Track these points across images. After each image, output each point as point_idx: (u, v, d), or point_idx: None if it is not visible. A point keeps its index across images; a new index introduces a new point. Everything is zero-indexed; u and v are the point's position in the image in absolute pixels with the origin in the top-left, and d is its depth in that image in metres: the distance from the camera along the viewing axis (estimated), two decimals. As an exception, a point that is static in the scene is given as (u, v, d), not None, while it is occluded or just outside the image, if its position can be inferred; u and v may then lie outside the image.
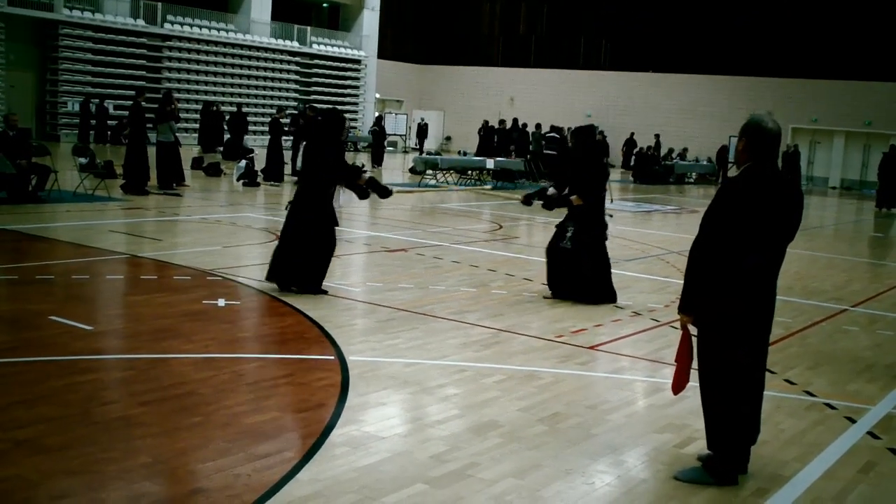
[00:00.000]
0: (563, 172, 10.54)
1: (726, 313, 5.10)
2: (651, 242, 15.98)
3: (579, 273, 9.94)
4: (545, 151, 31.52)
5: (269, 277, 9.57)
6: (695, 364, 5.34)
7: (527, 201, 10.91)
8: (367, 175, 10.12)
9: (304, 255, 9.41)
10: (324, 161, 9.59)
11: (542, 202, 10.55)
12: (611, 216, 10.49)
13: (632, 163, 39.33)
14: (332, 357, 7.13)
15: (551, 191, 10.49)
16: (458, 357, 7.44)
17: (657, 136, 41.86)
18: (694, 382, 5.43)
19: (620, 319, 9.33)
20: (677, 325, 9.01)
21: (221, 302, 8.88)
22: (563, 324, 8.92)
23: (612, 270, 10.44)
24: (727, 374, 5.16)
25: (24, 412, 5.54)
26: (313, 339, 7.75)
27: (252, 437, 5.34)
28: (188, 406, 5.81)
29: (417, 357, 7.34)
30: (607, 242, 10.29)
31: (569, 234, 9.96)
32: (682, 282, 5.31)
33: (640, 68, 47.31)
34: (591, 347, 8.09)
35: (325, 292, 9.49)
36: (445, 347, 7.73)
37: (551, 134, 32.36)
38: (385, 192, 10.07)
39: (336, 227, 9.80)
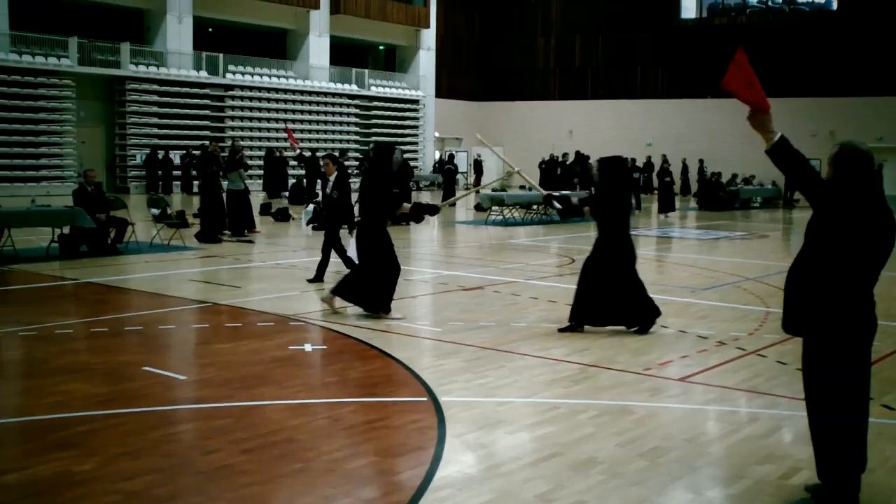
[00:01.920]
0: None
1: (834, 335, 5.03)
2: (724, 270, 15.79)
3: (613, 297, 9.95)
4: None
5: (336, 291, 10.71)
6: None
7: (548, 202, 11.16)
8: (408, 204, 11.16)
9: (370, 280, 10.37)
10: (374, 193, 10.55)
11: (559, 206, 10.71)
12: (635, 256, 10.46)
13: (692, 189, 39.07)
14: (425, 398, 7.14)
15: (575, 200, 10.83)
16: (548, 394, 7.41)
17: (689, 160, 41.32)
18: (795, 411, 5.35)
19: (706, 350, 9.23)
20: (765, 353, 9.00)
21: (308, 347, 8.96)
22: (649, 356, 8.85)
23: (688, 299, 10.34)
24: (836, 400, 5.08)
25: (130, 463, 5.62)
26: (402, 380, 7.78)
27: (355, 483, 5.37)
28: (288, 453, 5.85)
29: (508, 395, 7.33)
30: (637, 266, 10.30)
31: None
32: (762, 309, 5.25)
33: (698, 95, 47.07)
34: (681, 379, 8.01)
35: (388, 311, 10.45)
36: (535, 385, 7.71)
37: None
38: (433, 210, 11.26)
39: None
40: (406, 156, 30.09)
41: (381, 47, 50.96)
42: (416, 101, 48.82)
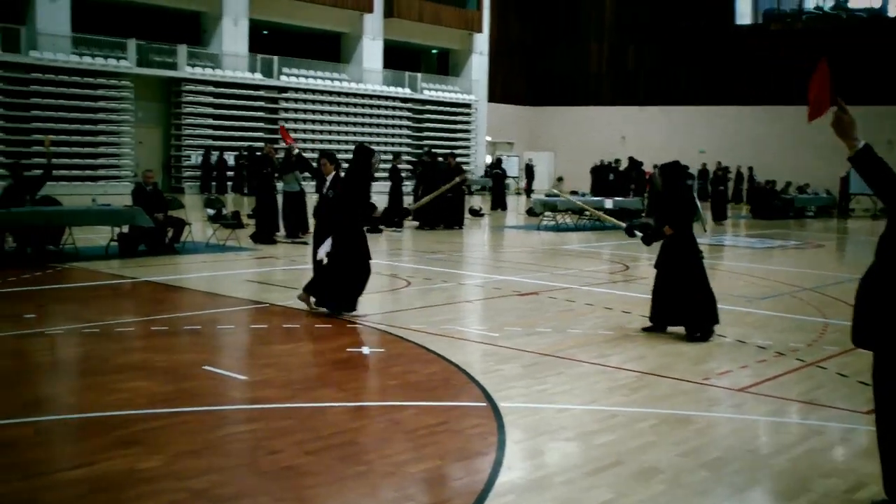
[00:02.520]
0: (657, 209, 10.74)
1: None
2: (779, 279, 15.63)
3: (681, 300, 10.05)
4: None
5: (307, 289, 10.92)
6: None
7: (630, 232, 11.25)
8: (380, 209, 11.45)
9: (339, 280, 10.60)
10: (354, 194, 10.77)
11: (641, 235, 10.80)
12: (702, 256, 10.44)
13: (744, 197, 38.71)
14: (484, 404, 7.14)
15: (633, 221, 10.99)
16: (608, 402, 7.38)
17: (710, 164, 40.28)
18: (857, 425, 5.28)
19: (765, 360, 9.14)
20: (824, 364, 8.90)
21: (366, 350, 9.01)
22: (707, 365, 8.78)
23: (745, 308, 10.27)
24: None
25: (194, 462, 5.68)
26: (461, 385, 7.79)
27: (418, 487, 5.38)
28: (350, 455, 5.88)
29: (568, 402, 7.31)
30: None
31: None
32: (820, 320, 5.20)
33: (752, 102, 46.65)
34: (741, 389, 7.94)
35: (353, 309, 10.75)
36: (594, 392, 7.68)
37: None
38: (405, 213, 12.47)
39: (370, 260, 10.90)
40: (458, 160, 30.06)
41: (434, 51, 51.08)
42: (468, 105, 48.86)
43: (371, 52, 44.49)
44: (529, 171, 46.25)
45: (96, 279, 13.29)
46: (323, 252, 10.93)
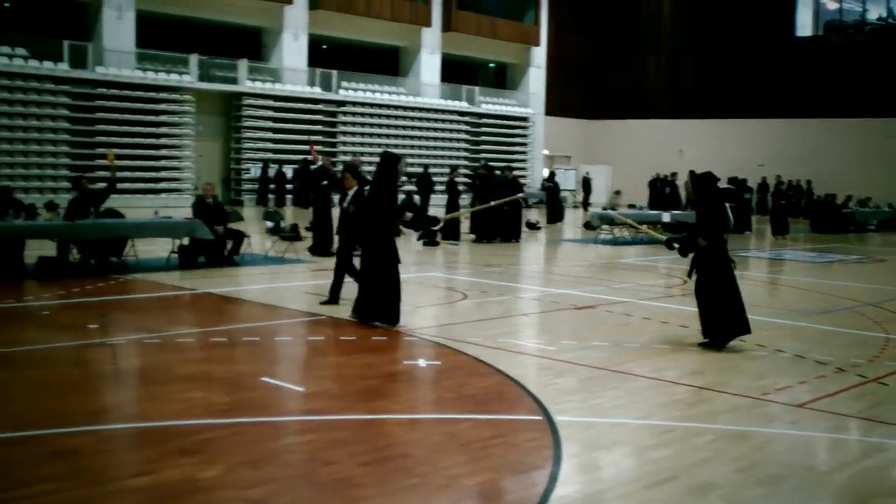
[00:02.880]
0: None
1: None
2: (839, 294, 15.40)
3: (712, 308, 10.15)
4: (721, 203, 30.99)
5: (354, 312, 10.95)
6: None
7: (669, 245, 11.26)
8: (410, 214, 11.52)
9: (377, 291, 10.56)
10: (380, 202, 10.74)
11: (677, 247, 10.88)
12: (733, 263, 10.50)
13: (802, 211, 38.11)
14: (540, 417, 7.14)
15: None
16: (664, 416, 7.34)
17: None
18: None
19: (825, 376, 9.02)
20: (886, 381, 8.76)
21: (422, 362, 9.05)
22: (766, 381, 8.69)
23: (804, 323, 10.17)
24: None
25: (252, 472, 5.75)
26: (516, 398, 7.79)
27: (473, 500, 5.40)
28: (405, 467, 5.91)
29: (624, 417, 7.28)
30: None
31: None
32: (882, 335, 5.12)
33: (812, 114, 46.08)
34: (800, 405, 7.85)
35: (396, 322, 10.62)
36: (650, 406, 7.64)
37: (727, 186, 31.87)
38: (434, 222, 12.24)
39: (399, 264, 10.83)
40: (515, 173, 30.05)
41: (492, 65, 51.18)
42: (525, 119, 48.86)
43: (429, 65, 44.71)
44: (587, 184, 46.09)
45: (157, 290, 13.50)
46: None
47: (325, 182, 19.56)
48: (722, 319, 10.13)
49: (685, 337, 10.83)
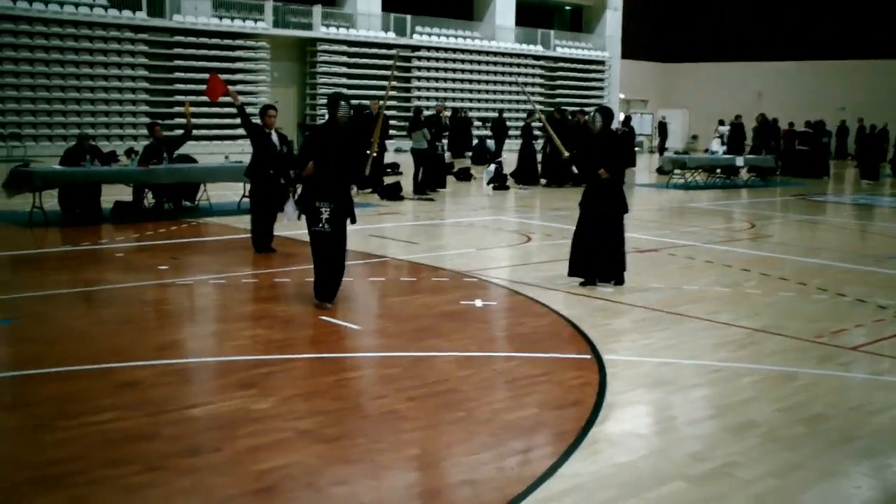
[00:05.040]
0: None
1: None
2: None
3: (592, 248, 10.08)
4: (797, 147, 30.48)
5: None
6: None
7: (570, 161, 11.18)
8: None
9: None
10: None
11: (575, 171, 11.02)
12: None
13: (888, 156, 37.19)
14: (589, 356, 7.26)
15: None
16: (713, 357, 7.41)
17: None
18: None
19: (883, 319, 8.97)
20: (947, 325, 8.68)
21: (479, 302, 9.21)
22: (822, 324, 8.67)
23: (871, 268, 10.07)
24: None
25: (303, 404, 5.99)
26: (568, 338, 7.92)
27: (513, 433, 5.56)
28: (451, 402, 6.10)
29: (672, 357, 7.37)
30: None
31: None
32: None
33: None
34: (853, 348, 7.84)
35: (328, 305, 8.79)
36: (700, 347, 7.71)
37: (805, 130, 31.31)
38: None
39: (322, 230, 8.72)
40: (587, 118, 29.80)
41: (568, 7, 50.58)
42: (601, 63, 48.31)
43: (504, 9, 44.35)
44: (662, 128, 45.54)
45: (227, 233, 13.84)
46: (290, 210, 10.05)
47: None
48: (602, 262, 10.08)
49: (745, 280, 10.82)
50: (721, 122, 33.35)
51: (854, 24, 46.72)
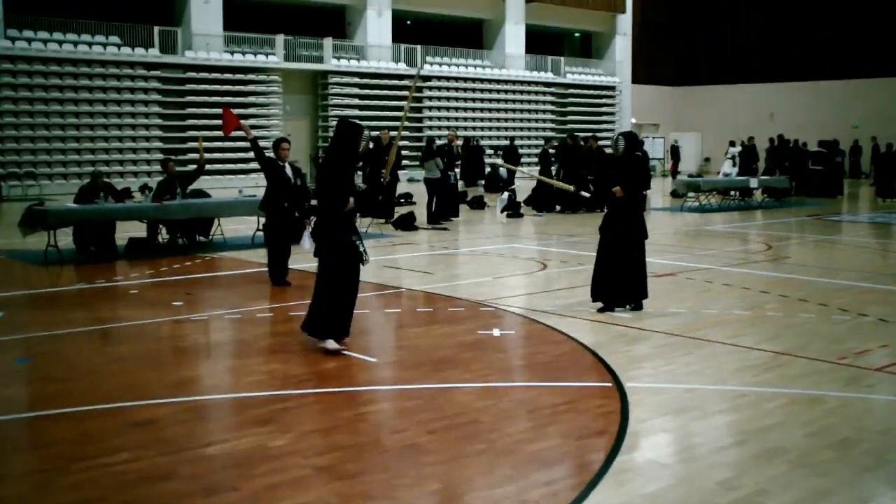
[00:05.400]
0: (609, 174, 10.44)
1: None
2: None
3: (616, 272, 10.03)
4: (811, 167, 30.33)
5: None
6: None
7: (577, 193, 11.76)
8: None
9: (319, 298, 8.32)
10: (332, 186, 8.29)
11: (587, 195, 10.71)
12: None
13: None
14: (610, 384, 7.15)
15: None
16: (737, 381, 7.28)
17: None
18: None
19: (909, 339, 8.83)
20: (975, 343, 8.53)
21: (496, 332, 9.10)
22: (845, 345, 8.54)
23: (892, 287, 9.93)
24: None
25: (321, 440, 5.89)
26: (589, 366, 7.81)
27: (536, 464, 5.45)
28: (472, 434, 5.99)
29: (696, 382, 7.25)
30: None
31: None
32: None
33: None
34: (879, 369, 7.71)
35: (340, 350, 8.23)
36: (723, 372, 7.59)
37: (818, 150, 31.18)
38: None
39: (361, 265, 8.40)
40: (602, 143, 29.80)
41: (577, 34, 50.68)
42: (612, 88, 48.32)
43: (513, 37, 44.47)
44: (675, 152, 45.46)
45: (242, 268, 13.78)
46: (307, 243, 9.10)
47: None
48: (619, 283, 9.99)
49: (766, 302, 10.70)
50: (732, 143, 33.26)
51: (864, 42, 46.60)
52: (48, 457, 5.61)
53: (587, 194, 10.91)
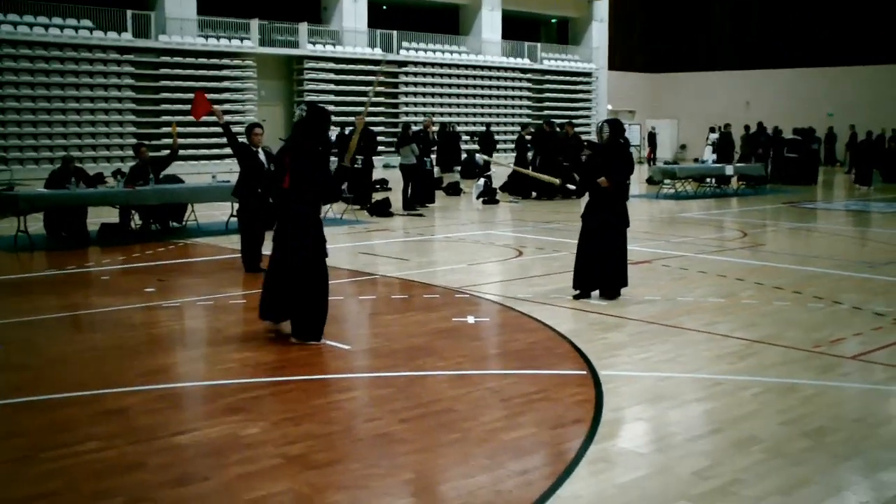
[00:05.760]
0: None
1: None
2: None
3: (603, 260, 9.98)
4: (787, 155, 30.44)
5: (263, 316, 8.39)
6: None
7: (563, 188, 11.31)
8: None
9: (297, 295, 8.03)
10: (298, 172, 7.92)
11: (573, 188, 10.80)
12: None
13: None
14: (585, 372, 7.12)
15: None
16: (712, 370, 7.27)
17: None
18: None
19: (881, 327, 8.84)
20: (950, 331, 8.56)
21: (471, 319, 9.05)
22: (820, 333, 8.55)
23: (866, 275, 9.96)
24: None
25: (293, 429, 5.83)
26: (564, 354, 7.77)
27: (511, 454, 5.41)
28: (446, 423, 5.94)
29: (671, 371, 7.22)
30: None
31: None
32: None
33: (884, 61, 44.67)
34: (853, 357, 7.71)
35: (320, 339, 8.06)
36: (699, 360, 7.57)
37: (793, 137, 31.28)
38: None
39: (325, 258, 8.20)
40: (578, 129, 29.79)
41: (554, 20, 50.63)
42: (588, 74, 48.31)
43: (490, 23, 44.35)
44: (652, 139, 45.54)
45: (215, 254, 13.68)
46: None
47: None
48: (603, 272, 9.97)
49: (742, 290, 10.70)
50: (712, 130, 33.33)
51: (841, 30, 46.77)
52: (17, 446, 5.51)
53: (573, 187, 10.77)
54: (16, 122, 30.34)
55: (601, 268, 9.87)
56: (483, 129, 35.53)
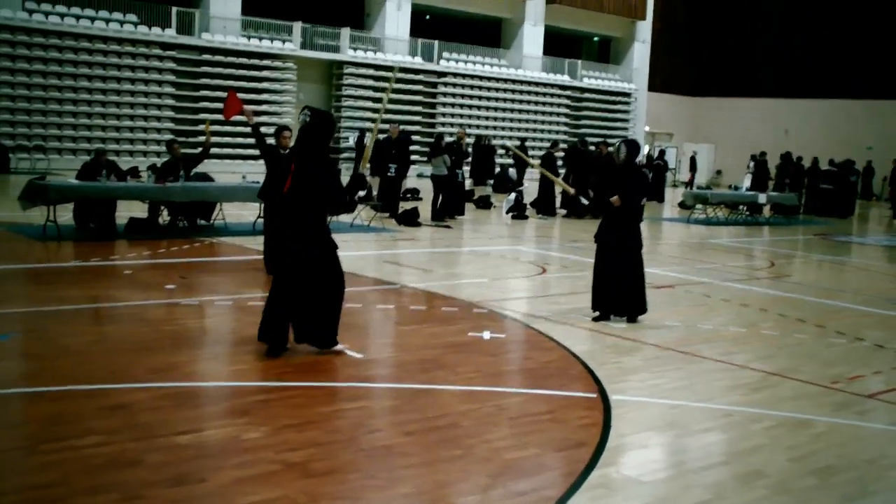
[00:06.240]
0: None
1: None
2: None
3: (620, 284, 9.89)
4: (821, 186, 30.14)
5: (262, 337, 7.87)
6: None
7: (578, 196, 11.58)
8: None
9: (314, 304, 7.86)
10: (318, 184, 7.70)
11: (586, 202, 10.95)
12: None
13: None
14: (595, 395, 7.04)
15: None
16: (724, 400, 7.17)
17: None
18: None
19: (904, 367, 8.70)
20: (970, 376, 8.40)
21: (486, 334, 8.98)
22: (838, 369, 8.42)
23: (891, 312, 9.81)
24: None
25: (296, 435, 5.79)
26: (576, 375, 7.70)
27: (512, 474, 5.35)
28: (450, 438, 5.89)
29: (682, 398, 7.13)
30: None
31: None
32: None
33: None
34: (870, 396, 7.59)
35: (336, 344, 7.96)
36: (712, 389, 7.48)
37: (829, 168, 30.99)
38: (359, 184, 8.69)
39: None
40: (611, 148, 29.57)
41: (596, 38, 50.57)
42: (627, 94, 48.20)
43: (531, 38, 44.38)
44: (693, 163, 45.28)
45: (239, 254, 13.71)
46: None
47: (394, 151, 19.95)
48: (618, 292, 9.88)
49: (763, 321, 10.58)
50: (753, 157, 33.03)
51: (884, 64, 46.35)
52: (17, 436, 5.54)
53: (586, 201, 10.71)
54: (56, 112, 30.68)
55: (616, 288, 9.79)
56: (517, 143, 35.48)
